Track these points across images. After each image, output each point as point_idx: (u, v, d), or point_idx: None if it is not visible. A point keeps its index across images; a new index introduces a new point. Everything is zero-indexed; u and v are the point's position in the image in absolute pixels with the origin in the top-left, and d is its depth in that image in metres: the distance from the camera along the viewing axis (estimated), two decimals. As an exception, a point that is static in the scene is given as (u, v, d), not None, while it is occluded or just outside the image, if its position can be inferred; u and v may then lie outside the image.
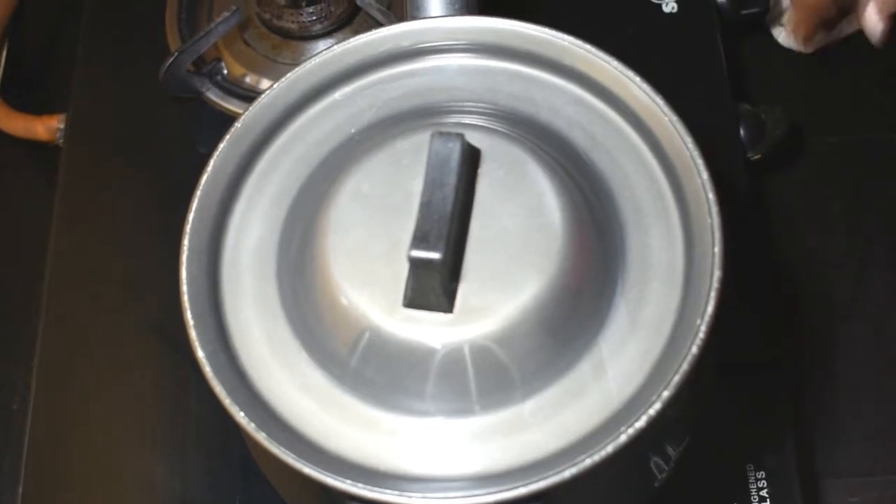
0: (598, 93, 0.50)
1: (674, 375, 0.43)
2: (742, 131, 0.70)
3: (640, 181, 0.49)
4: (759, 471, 0.60)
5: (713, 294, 0.44)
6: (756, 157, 0.70)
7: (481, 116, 0.50)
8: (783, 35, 0.78)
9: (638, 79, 0.49)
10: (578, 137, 0.50)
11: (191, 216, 0.48)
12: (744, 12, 0.74)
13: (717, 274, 0.44)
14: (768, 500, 0.60)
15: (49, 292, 0.67)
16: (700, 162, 0.46)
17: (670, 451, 0.51)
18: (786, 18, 0.78)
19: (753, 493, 0.60)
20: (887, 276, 0.73)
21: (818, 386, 0.70)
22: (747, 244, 0.65)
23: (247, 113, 0.50)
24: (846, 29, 0.78)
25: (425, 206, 0.43)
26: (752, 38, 0.79)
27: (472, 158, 0.46)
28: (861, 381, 0.70)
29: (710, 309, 0.43)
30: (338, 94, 0.52)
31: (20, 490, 0.62)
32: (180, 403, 0.64)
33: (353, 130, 0.51)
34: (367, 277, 0.45)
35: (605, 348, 0.45)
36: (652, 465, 0.51)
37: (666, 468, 0.51)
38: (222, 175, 0.49)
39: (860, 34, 0.78)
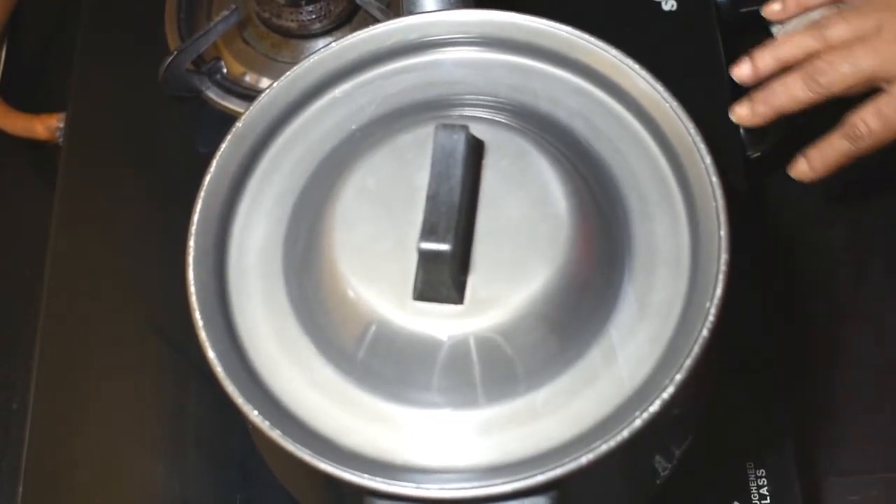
0: (598, 82, 0.51)
1: (685, 359, 0.43)
2: (742, 130, 0.70)
3: (642, 169, 0.49)
4: (760, 469, 0.60)
5: (721, 277, 0.44)
6: (756, 155, 0.70)
7: (483, 109, 0.50)
8: (782, 33, 0.78)
9: (638, 67, 0.49)
10: (580, 127, 0.50)
11: (195, 217, 0.48)
12: (743, 10, 0.74)
13: (724, 257, 0.44)
14: (768, 497, 0.60)
15: (48, 292, 0.67)
16: (702, 147, 0.47)
17: (674, 448, 0.51)
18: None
19: (754, 491, 0.60)
20: (887, 276, 0.73)
21: (818, 385, 0.70)
22: (747, 243, 0.65)
23: (247, 113, 0.50)
24: None
25: (432, 199, 0.43)
26: (752, 36, 0.79)
27: (476, 150, 0.46)
28: (861, 380, 0.70)
29: (718, 292, 0.44)
30: (337, 92, 0.52)
31: (20, 490, 0.62)
32: (180, 403, 0.64)
33: (354, 127, 0.51)
34: (375, 272, 0.45)
35: (615, 335, 0.46)
36: (656, 461, 0.51)
37: (668, 466, 0.51)
38: (225, 176, 0.49)
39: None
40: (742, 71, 0.63)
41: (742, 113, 0.63)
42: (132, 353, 0.66)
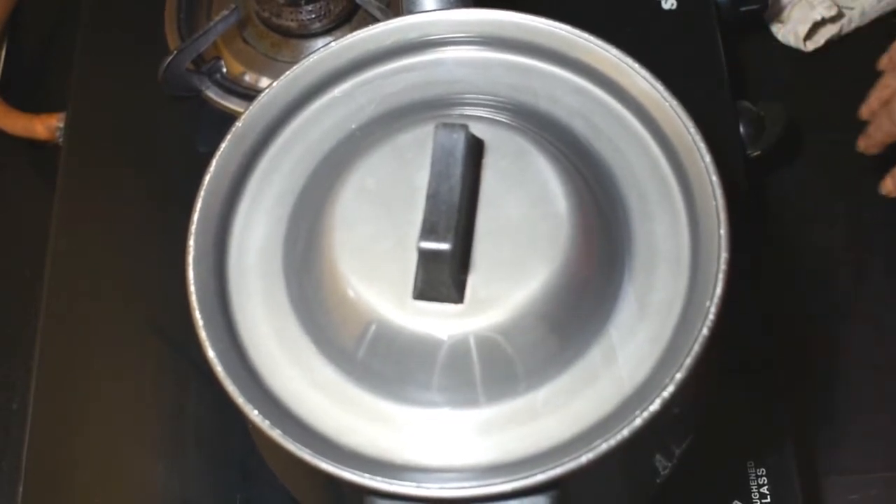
0: (598, 82, 0.51)
1: (686, 358, 0.43)
2: (741, 128, 0.70)
3: (643, 169, 0.49)
4: (760, 468, 0.61)
5: (721, 276, 0.44)
6: (755, 153, 0.70)
7: (482, 108, 0.50)
8: (782, 32, 0.78)
9: (637, 65, 0.49)
10: (580, 126, 0.50)
11: (195, 217, 0.48)
12: (743, 9, 0.74)
13: (724, 256, 0.44)
14: (769, 496, 0.60)
15: (48, 292, 0.67)
16: (702, 146, 0.47)
17: (674, 448, 0.51)
18: (784, 16, 0.78)
19: (754, 490, 0.60)
20: (887, 275, 0.73)
21: (818, 384, 0.70)
22: (747, 243, 0.65)
23: (247, 112, 0.50)
24: (846, 27, 0.78)
25: (432, 198, 0.43)
26: (752, 35, 0.79)
27: (476, 149, 0.46)
28: (861, 380, 0.70)
29: (718, 290, 0.44)
30: (337, 91, 0.52)
31: (20, 490, 0.62)
32: (180, 403, 0.64)
33: (353, 126, 0.51)
34: (375, 272, 0.45)
35: (615, 335, 0.46)
36: (656, 461, 0.51)
37: (669, 464, 0.52)
38: (225, 175, 0.50)
39: (859, 31, 0.78)
40: (862, 112, 0.72)
41: (861, 145, 0.72)
42: (132, 353, 0.66)
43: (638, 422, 0.42)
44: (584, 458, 0.42)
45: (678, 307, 0.46)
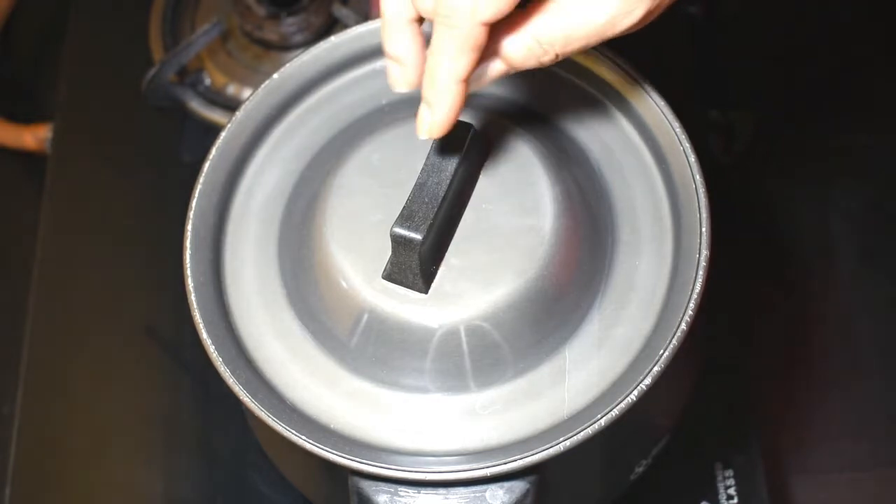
0: (623, 110, 0.50)
1: (664, 351, 0.43)
2: (713, 137, 0.71)
3: (644, 205, 0.49)
4: (728, 469, 0.61)
5: (701, 272, 0.45)
6: (727, 161, 0.71)
7: (505, 111, 0.50)
8: None
9: (661, 101, 0.49)
10: (596, 149, 0.50)
11: (213, 153, 0.49)
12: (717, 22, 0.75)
13: (705, 253, 0.45)
14: (736, 497, 0.60)
15: (36, 297, 0.68)
16: (704, 200, 0.46)
17: (650, 446, 0.52)
18: None
19: (722, 491, 0.61)
20: (854, 278, 0.74)
21: (785, 385, 0.70)
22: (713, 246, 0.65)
23: (285, 67, 0.51)
24: None
25: (419, 188, 0.43)
26: (724, 44, 0.79)
27: (480, 150, 0.47)
28: (827, 381, 0.70)
29: (698, 287, 0.44)
30: (378, 64, 0.53)
31: (7, 492, 0.63)
32: (169, 406, 0.64)
33: (384, 101, 0.52)
34: (355, 243, 0.46)
35: (570, 358, 0.46)
36: (632, 456, 0.52)
37: (644, 462, 0.52)
38: (251, 121, 0.51)
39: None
40: None
41: None
42: (120, 357, 0.66)
43: (615, 412, 0.42)
44: (562, 446, 0.42)
45: (636, 346, 0.46)
